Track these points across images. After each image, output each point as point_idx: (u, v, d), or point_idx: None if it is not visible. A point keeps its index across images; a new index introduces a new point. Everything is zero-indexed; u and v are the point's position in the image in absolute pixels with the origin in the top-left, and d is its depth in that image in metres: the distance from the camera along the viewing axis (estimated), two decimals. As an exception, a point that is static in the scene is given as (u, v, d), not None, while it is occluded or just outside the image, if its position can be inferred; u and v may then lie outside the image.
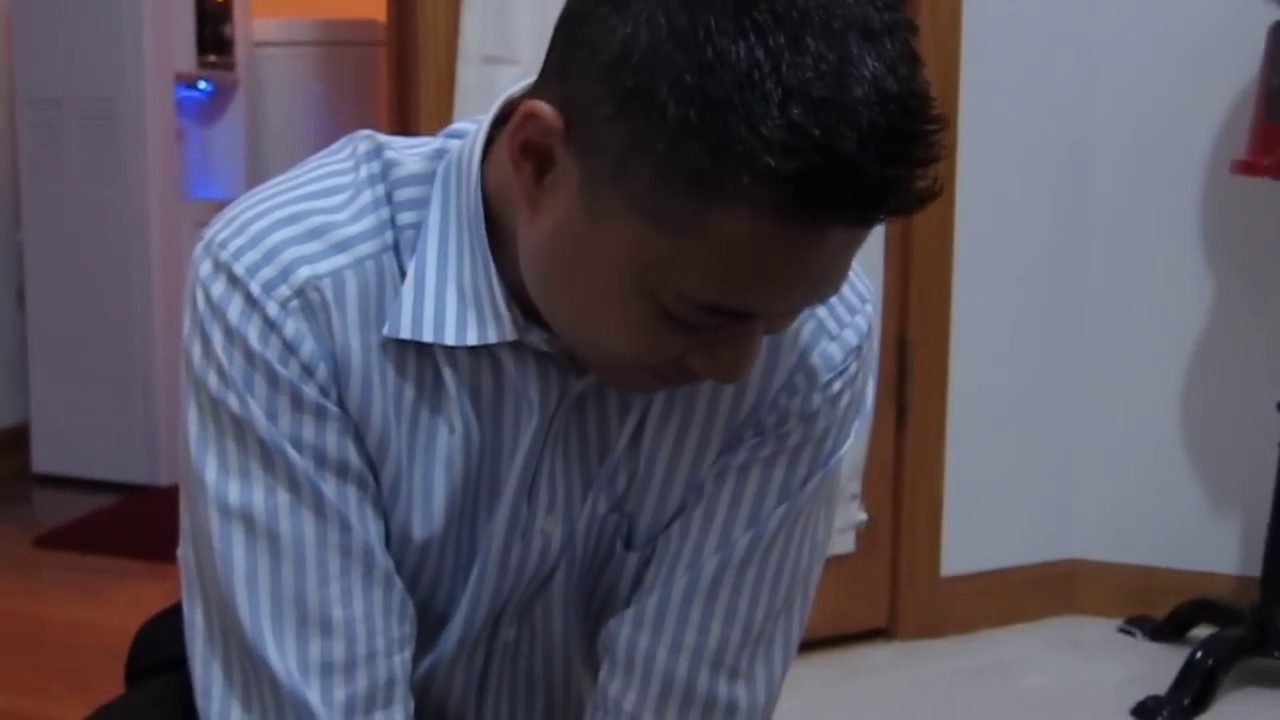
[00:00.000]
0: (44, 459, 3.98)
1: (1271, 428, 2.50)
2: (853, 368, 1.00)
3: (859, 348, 1.00)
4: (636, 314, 0.82)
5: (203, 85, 4.06)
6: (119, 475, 3.88)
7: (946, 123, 0.75)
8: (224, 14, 3.99)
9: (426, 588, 1.00)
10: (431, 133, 1.00)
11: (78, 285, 3.89)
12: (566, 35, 0.81)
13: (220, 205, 3.37)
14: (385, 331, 0.91)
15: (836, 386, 1.00)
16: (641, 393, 0.96)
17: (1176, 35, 2.73)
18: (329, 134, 4.62)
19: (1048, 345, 2.82)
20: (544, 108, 0.80)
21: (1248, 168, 2.45)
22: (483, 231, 0.91)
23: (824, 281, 0.81)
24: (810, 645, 2.57)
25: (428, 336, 0.91)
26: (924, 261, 2.64)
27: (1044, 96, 2.72)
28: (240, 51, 4.09)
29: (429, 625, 1.01)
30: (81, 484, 3.88)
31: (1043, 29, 2.71)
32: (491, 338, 0.91)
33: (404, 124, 2.28)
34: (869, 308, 1.01)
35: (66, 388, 3.93)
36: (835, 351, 0.99)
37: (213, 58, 3.98)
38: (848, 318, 0.99)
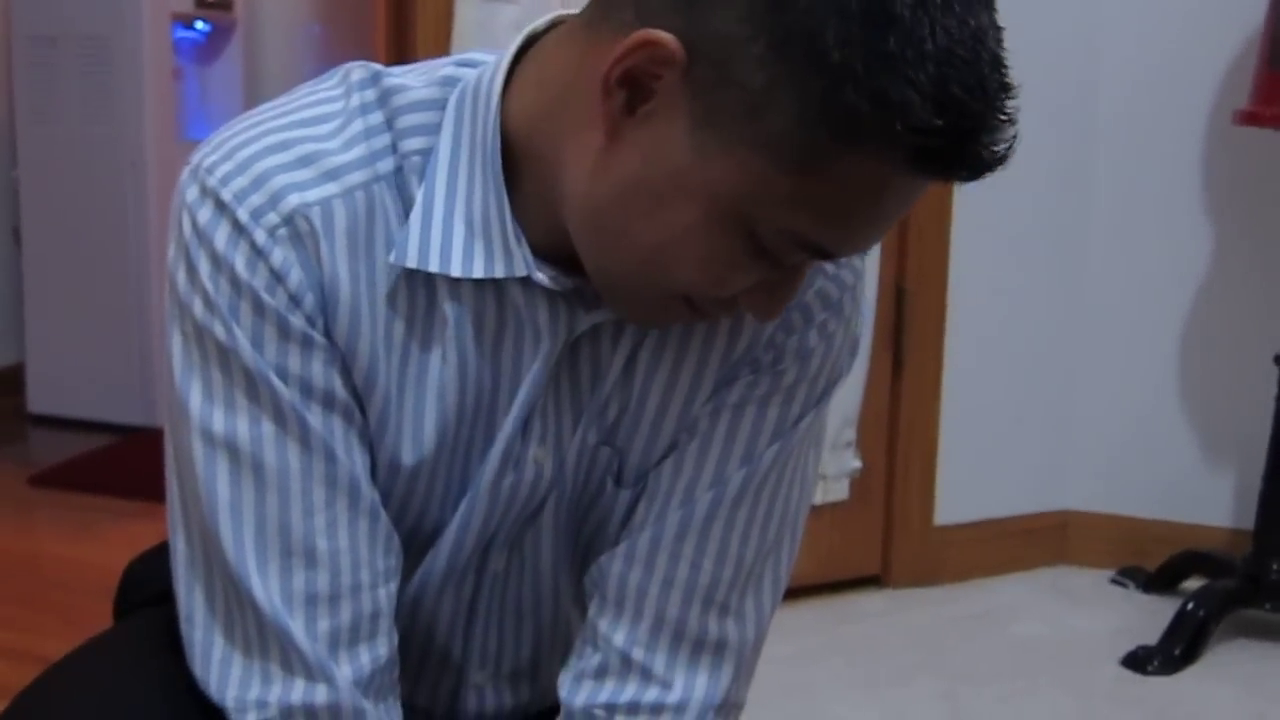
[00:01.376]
0: (39, 399, 3.99)
1: (1268, 381, 2.51)
2: (847, 307, 1.01)
3: (854, 287, 1.01)
4: (723, 247, 0.83)
5: (200, 25, 4.04)
6: (113, 416, 3.89)
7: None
8: None
9: (415, 513, 1.00)
10: None
11: (74, 225, 3.89)
12: None
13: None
14: (391, 259, 0.91)
15: (831, 325, 1.00)
16: (661, 328, 0.97)
17: None
18: None
19: (1046, 295, 2.82)
20: (669, 38, 0.79)
21: (1250, 118, 2.44)
22: (498, 164, 0.90)
23: (890, 227, 0.86)
24: (803, 592, 2.59)
25: (433, 266, 0.90)
26: (922, 210, 2.64)
27: (1047, 46, 2.70)
28: None
29: (416, 550, 1.01)
30: (76, 424, 3.90)
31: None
32: (499, 272, 0.90)
33: (401, 62, 2.27)
34: None
35: (62, 328, 3.94)
36: (831, 290, 1.00)
37: None
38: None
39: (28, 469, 3.54)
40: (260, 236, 0.88)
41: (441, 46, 2.19)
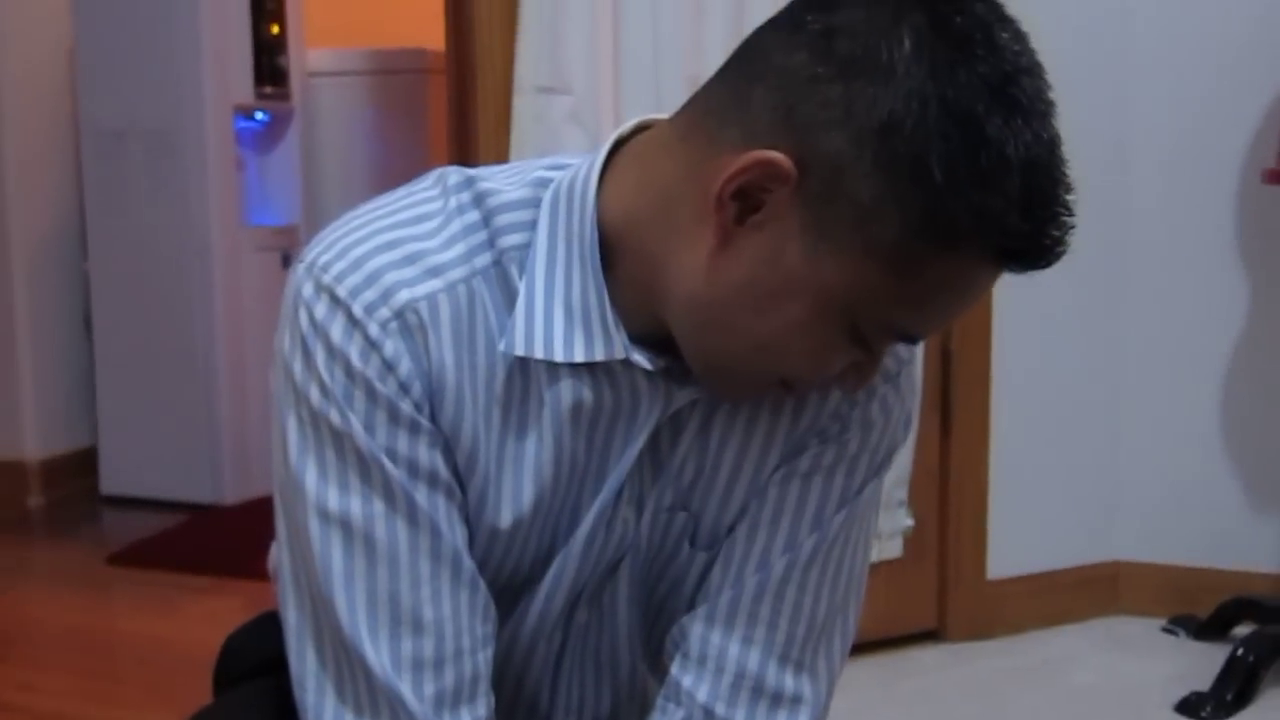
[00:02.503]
0: (112, 480, 4.08)
1: None
2: (904, 381, 1.09)
3: (910, 362, 1.09)
4: (827, 338, 0.92)
5: (260, 115, 4.14)
6: (184, 495, 3.98)
7: None
8: (279, 46, 4.08)
9: (509, 571, 1.06)
10: (491, 161, 1.07)
11: (143, 312, 4.00)
12: (790, 92, 0.88)
13: (278, 231, 3.48)
14: (502, 348, 0.98)
15: (890, 398, 1.08)
16: (749, 401, 1.05)
17: (1209, 49, 2.78)
18: (381, 159, 4.67)
19: (1088, 352, 2.88)
20: (783, 158, 0.87)
21: (1276, 177, 2.50)
22: (597, 256, 0.97)
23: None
24: (862, 648, 2.59)
25: (539, 353, 0.97)
26: None
27: (1082, 108, 2.73)
28: (295, 82, 4.17)
29: (507, 605, 1.07)
30: (148, 504, 3.98)
31: (1080, 42, 2.78)
32: (599, 355, 0.97)
33: (463, 151, 2.37)
34: None
35: (133, 411, 4.04)
36: (890, 365, 1.07)
37: (269, 89, 4.06)
38: None
39: (104, 548, 3.62)
40: (374, 329, 0.95)
41: (501, 137, 2.29)
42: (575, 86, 2.33)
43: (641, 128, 1.01)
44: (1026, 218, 0.86)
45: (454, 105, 2.45)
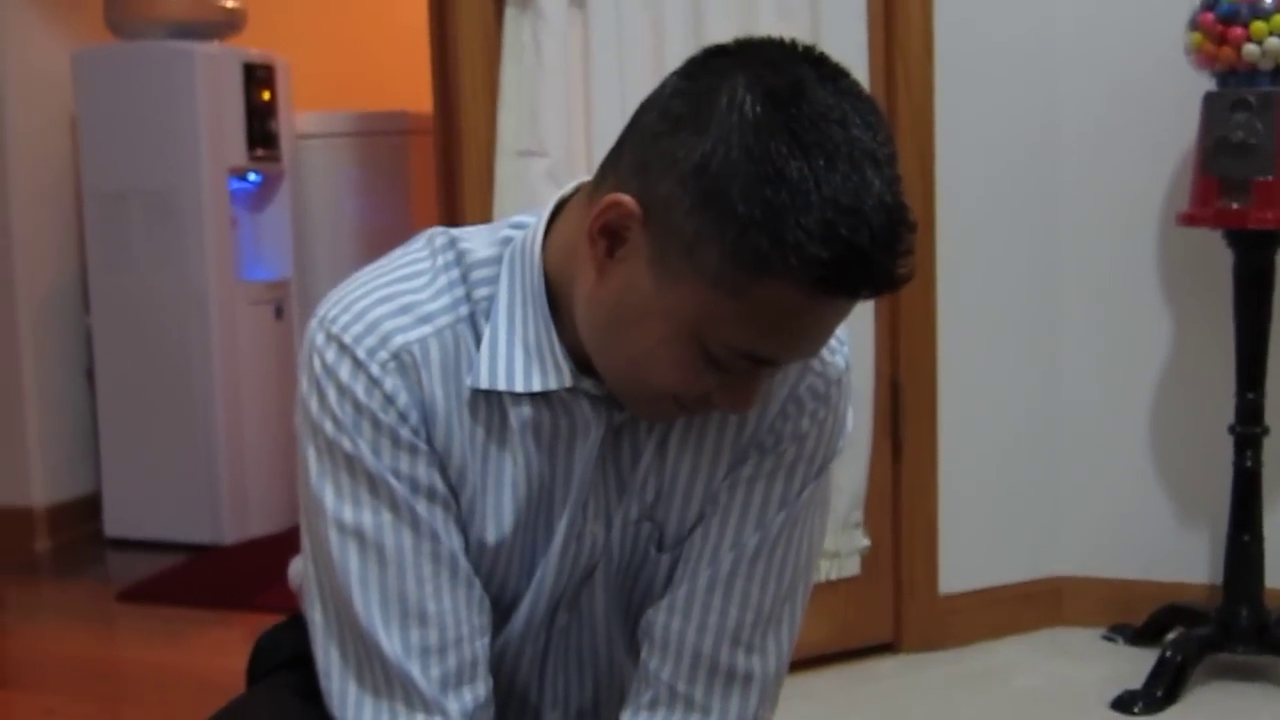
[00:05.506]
0: (115, 523, 4.18)
1: (1228, 448, 2.74)
2: (834, 396, 1.21)
3: (839, 380, 1.21)
4: (685, 357, 1.03)
5: (253, 176, 4.26)
6: (185, 537, 4.09)
7: (918, 225, 1.01)
8: (270, 111, 4.21)
9: (497, 584, 1.20)
10: (476, 219, 1.22)
11: (143, 363, 4.11)
12: (642, 146, 1.02)
13: (271, 285, 3.75)
14: (469, 383, 1.11)
15: (821, 413, 1.20)
16: (664, 421, 1.16)
17: (1132, 103, 2.98)
18: (367, 215, 4.79)
19: (1028, 382, 3.05)
20: (628, 199, 1.01)
21: (1189, 219, 2.66)
22: (544, 302, 1.11)
23: (824, 339, 1.06)
24: (823, 659, 2.81)
25: (501, 385, 1.11)
26: (911, 312, 2.88)
27: (1015, 163, 2.97)
28: (285, 144, 4.29)
29: (500, 611, 1.21)
30: (150, 546, 4.10)
31: (1010, 96, 2.98)
32: (552, 385, 1.11)
33: (451, 209, 2.53)
34: (845, 349, 1.22)
35: (135, 457, 4.15)
36: (819, 384, 1.20)
37: (261, 151, 4.19)
38: (828, 357, 1.20)
39: (110, 587, 3.76)
40: (375, 369, 1.10)
41: (485, 197, 2.45)
42: (551, 149, 2.49)
43: (579, 189, 1.15)
44: (826, 247, 0.94)
45: (442, 168, 2.60)
